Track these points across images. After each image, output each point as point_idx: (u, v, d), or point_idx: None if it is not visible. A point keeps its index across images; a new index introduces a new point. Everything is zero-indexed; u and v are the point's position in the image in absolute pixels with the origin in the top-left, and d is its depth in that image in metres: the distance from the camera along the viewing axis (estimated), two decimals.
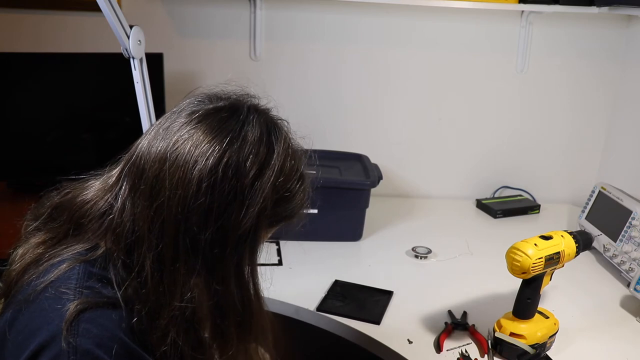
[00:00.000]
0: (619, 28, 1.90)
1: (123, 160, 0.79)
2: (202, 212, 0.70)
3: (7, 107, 1.72)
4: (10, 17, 1.84)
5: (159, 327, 0.71)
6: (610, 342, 1.23)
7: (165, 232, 0.71)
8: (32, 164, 1.79)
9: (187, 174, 0.70)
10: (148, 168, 0.72)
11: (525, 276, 1.11)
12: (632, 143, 1.85)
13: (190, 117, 0.74)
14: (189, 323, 0.72)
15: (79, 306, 0.67)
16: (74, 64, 1.73)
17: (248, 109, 0.76)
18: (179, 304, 0.71)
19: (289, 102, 2.06)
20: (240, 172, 0.71)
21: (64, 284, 0.70)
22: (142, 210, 0.72)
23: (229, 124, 0.73)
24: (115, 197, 0.75)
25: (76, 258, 0.74)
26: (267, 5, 1.87)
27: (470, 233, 1.78)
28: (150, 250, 0.71)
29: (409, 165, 2.06)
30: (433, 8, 1.87)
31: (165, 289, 0.71)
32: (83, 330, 0.67)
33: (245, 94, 0.81)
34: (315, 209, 1.62)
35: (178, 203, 0.70)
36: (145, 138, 0.76)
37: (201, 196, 0.70)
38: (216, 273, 0.73)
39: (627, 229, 1.52)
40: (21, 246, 0.80)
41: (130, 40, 1.29)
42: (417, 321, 1.28)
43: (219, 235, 0.72)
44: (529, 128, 2.03)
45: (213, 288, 0.74)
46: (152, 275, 0.71)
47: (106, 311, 0.69)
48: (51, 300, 0.69)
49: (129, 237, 0.72)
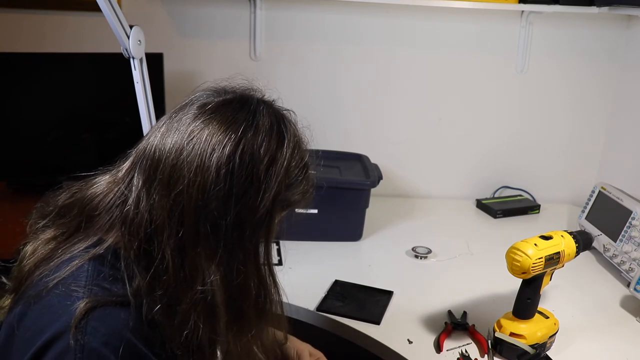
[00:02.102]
0: (619, 28, 1.90)
1: (131, 155, 0.80)
2: (221, 198, 0.73)
3: (7, 107, 1.72)
4: (11, 17, 1.84)
5: (180, 312, 0.73)
6: (610, 342, 1.23)
7: (185, 219, 0.73)
8: (32, 164, 1.79)
9: (206, 162, 0.72)
10: (164, 159, 0.74)
11: (525, 276, 1.11)
12: (632, 143, 1.85)
13: (203, 109, 0.76)
14: (209, 307, 0.74)
15: (88, 304, 0.68)
16: (74, 64, 1.73)
17: (257, 101, 0.80)
18: (201, 287, 0.73)
19: (289, 102, 2.06)
20: (255, 159, 0.74)
21: (74, 282, 0.72)
22: (160, 199, 0.73)
23: (241, 115, 0.76)
24: (128, 190, 0.77)
25: (86, 255, 0.75)
26: (267, 5, 1.87)
27: (470, 233, 1.78)
28: (171, 237, 0.73)
29: (409, 165, 2.06)
30: (433, 8, 1.87)
31: (187, 274, 0.73)
32: (91, 328, 0.67)
33: (250, 87, 0.84)
34: (315, 209, 1.62)
35: (198, 190, 0.72)
36: (156, 132, 0.78)
37: (220, 182, 0.72)
38: (236, 256, 0.76)
39: (627, 229, 1.52)
40: (30, 243, 0.81)
41: (130, 40, 1.29)
42: (417, 321, 1.28)
43: (238, 220, 0.74)
44: (529, 128, 2.03)
45: (234, 271, 0.76)
46: (173, 262, 0.73)
47: (115, 310, 0.70)
48: (61, 297, 0.70)
49: (148, 227, 0.74)
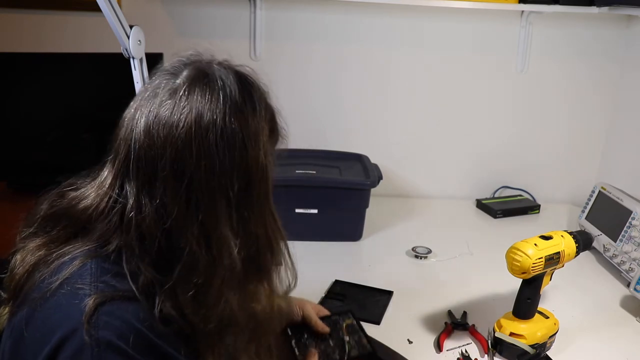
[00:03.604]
0: (619, 28, 1.90)
1: (111, 161, 0.79)
2: (228, 169, 0.75)
3: (7, 107, 1.72)
4: (11, 17, 1.84)
5: (213, 292, 0.75)
6: (610, 342, 1.23)
7: (202, 204, 0.74)
8: (32, 164, 1.79)
9: (204, 144, 0.73)
10: (160, 156, 0.74)
11: (525, 276, 1.11)
12: (632, 143, 1.85)
13: (175, 96, 0.76)
14: (237, 277, 0.77)
15: (97, 300, 0.69)
16: (74, 64, 1.73)
17: (216, 68, 0.81)
18: (228, 261, 0.75)
19: (289, 102, 2.06)
20: (242, 119, 0.76)
21: (79, 280, 0.72)
22: (172, 193, 0.73)
23: (212, 86, 0.77)
24: (123, 197, 0.76)
25: (87, 255, 0.75)
26: (267, 5, 1.87)
27: (470, 233, 1.78)
28: (193, 225, 0.73)
29: (409, 165, 2.06)
30: (433, 8, 1.87)
31: (214, 253, 0.75)
32: (103, 322, 0.68)
33: (197, 56, 0.85)
34: (316, 209, 1.62)
35: (206, 172, 0.73)
36: (135, 132, 0.76)
37: (223, 156, 0.74)
38: (249, 219, 0.78)
39: (627, 229, 1.52)
40: (19, 252, 0.81)
41: (130, 40, 1.29)
42: (417, 321, 1.28)
43: (244, 184, 0.76)
44: (528, 128, 2.03)
45: (251, 234, 0.78)
46: (198, 246, 0.74)
47: (123, 304, 0.71)
48: (68, 296, 0.71)
49: (162, 225, 0.74)
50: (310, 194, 1.62)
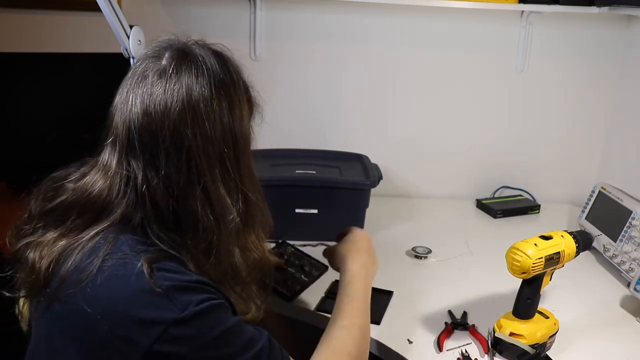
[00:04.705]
0: (619, 28, 1.90)
1: (111, 144, 0.85)
2: (219, 136, 0.83)
3: (7, 107, 1.72)
4: (11, 17, 1.84)
5: (223, 249, 0.85)
6: (610, 342, 1.23)
7: (201, 169, 0.82)
8: (32, 164, 1.79)
9: (197, 114, 0.81)
10: (160, 130, 0.80)
11: (525, 276, 1.11)
12: (632, 143, 1.85)
13: (165, 76, 0.82)
14: (240, 231, 0.87)
15: (148, 260, 0.77)
16: (74, 64, 1.73)
17: (194, 48, 0.87)
18: (229, 218, 0.84)
19: (289, 102, 2.07)
20: (225, 90, 0.85)
21: (119, 253, 0.78)
22: (175, 164, 0.80)
23: (195, 63, 0.84)
24: (132, 174, 0.82)
25: (117, 232, 0.81)
26: (267, 5, 1.87)
27: (470, 233, 1.78)
28: (196, 189, 0.81)
29: (409, 165, 2.06)
30: (433, 8, 1.87)
31: (218, 214, 0.83)
32: (159, 276, 0.76)
33: (174, 39, 0.89)
34: (316, 209, 1.62)
35: (202, 140, 0.81)
36: (132, 113, 0.82)
37: (214, 124, 0.82)
38: (241, 178, 0.87)
39: (627, 229, 1.52)
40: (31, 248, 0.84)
41: (130, 40, 1.29)
42: (417, 321, 1.28)
43: (233, 145, 0.85)
44: (528, 128, 2.03)
45: (247, 190, 0.87)
46: (203, 208, 0.82)
47: (167, 261, 0.79)
48: (117, 267, 0.77)
49: (172, 194, 0.81)
50: (310, 194, 1.61)
